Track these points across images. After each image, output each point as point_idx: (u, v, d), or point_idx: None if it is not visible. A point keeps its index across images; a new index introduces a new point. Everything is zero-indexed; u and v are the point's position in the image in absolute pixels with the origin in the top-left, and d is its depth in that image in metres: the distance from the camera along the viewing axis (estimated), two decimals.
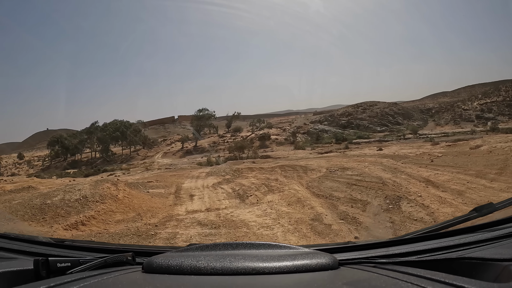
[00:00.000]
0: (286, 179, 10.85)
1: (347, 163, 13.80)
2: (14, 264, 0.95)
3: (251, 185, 10.42)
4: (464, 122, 45.84)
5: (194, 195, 9.80)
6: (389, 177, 9.25)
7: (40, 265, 0.85)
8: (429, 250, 1.02)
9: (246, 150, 30.63)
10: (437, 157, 13.90)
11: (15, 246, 1.26)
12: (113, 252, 1.21)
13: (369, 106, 55.47)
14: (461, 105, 52.33)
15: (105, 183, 8.71)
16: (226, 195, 9.46)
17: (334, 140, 39.85)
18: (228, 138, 44.93)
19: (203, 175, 15.44)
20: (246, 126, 50.64)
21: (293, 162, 17.61)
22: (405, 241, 1.13)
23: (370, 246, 1.12)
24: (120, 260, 1.05)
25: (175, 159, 37.82)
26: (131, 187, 11.37)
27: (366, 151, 20.43)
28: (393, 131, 44.80)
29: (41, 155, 52.29)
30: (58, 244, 1.34)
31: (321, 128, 48.94)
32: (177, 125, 64.07)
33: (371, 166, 11.69)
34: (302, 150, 32.49)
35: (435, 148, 18.29)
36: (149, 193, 9.98)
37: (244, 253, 0.98)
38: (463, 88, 79.93)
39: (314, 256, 0.91)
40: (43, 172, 37.46)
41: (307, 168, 13.57)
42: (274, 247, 1.05)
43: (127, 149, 45.74)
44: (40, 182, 22.46)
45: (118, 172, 24.77)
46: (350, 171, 10.97)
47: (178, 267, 0.88)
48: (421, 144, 22.98)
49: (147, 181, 12.43)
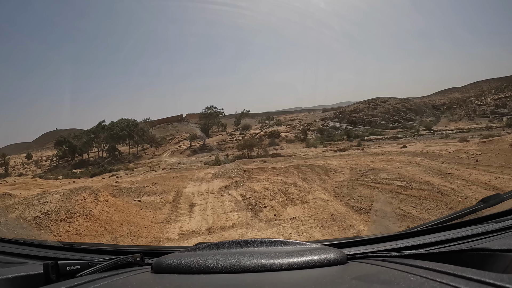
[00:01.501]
0: (307, 184, 8.76)
1: (373, 163, 11.64)
2: (24, 269, 0.91)
3: (265, 192, 8.38)
4: (479, 118, 43.01)
5: (195, 204, 7.81)
6: (440, 182, 7.10)
7: (50, 268, 0.83)
8: (437, 243, 0.99)
9: (256, 148, 28.66)
10: (477, 156, 11.66)
11: (24, 251, 1.25)
12: (122, 253, 1.19)
13: (381, 102, 52.83)
14: (475, 100, 49.36)
15: (82, 193, 6.77)
16: (235, 204, 7.45)
17: (346, 137, 37.72)
18: (237, 136, 42.82)
19: (209, 176, 13.46)
20: (255, 123, 48.53)
21: (308, 161, 15.51)
22: (413, 234, 1.10)
23: (378, 240, 1.09)
24: (129, 261, 1.02)
25: (183, 158, 36.10)
26: (122, 193, 9.44)
27: (388, 149, 18.14)
28: (406, 127, 42.38)
29: (49, 155, 51.05)
30: (67, 248, 1.32)
31: (332, 125, 46.50)
32: (185, 123, 62.12)
33: (407, 167, 9.53)
34: (314, 148, 30.46)
35: (467, 145, 15.94)
36: (140, 202, 8.01)
37: (253, 250, 0.95)
38: (474, 83, 76.75)
39: (322, 251, 0.88)
40: (50, 172, 36.13)
41: (327, 169, 11.47)
42: (282, 244, 1.00)
43: (135, 148, 44.13)
44: (38, 184, 20.85)
45: (121, 172, 23.03)
46: (383, 173, 8.83)
47: (187, 266, 0.85)
48: (446, 141, 20.54)
49: (143, 186, 10.47)
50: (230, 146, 37.79)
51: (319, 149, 29.00)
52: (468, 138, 20.50)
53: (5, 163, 43.56)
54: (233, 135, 44.00)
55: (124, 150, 44.38)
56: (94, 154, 46.27)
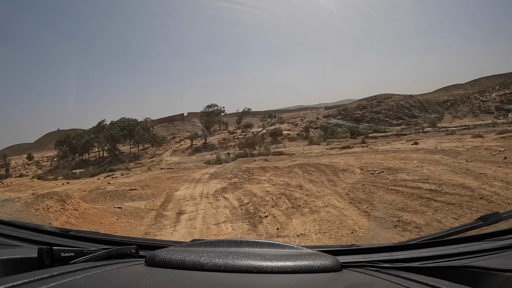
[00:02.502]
0: (314, 186, 7.50)
1: (387, 161, 10.35)
2: (18, 252, 0.89)
3: (266, 196, 7.13)
4: (484, 114, 41.43)
5: (184, 212, 6.58)
6: (477, 185, 5.80)
7: (44, 253, 0.82)
8: (433, 257, 0.96)
9: (257, 146, 27.38)
10: (501, 152, 10.38)
11: (20, 234, 1.20)
12: (117, 244, 1.15)
13: (384, 98, 51.25)
14: (479, 96, 47.66)
15: (46, 200, 5.57)
16: (230, 212, 6.21)
17: (349, 134, 36.39)
18: (238, 134, 41.50)
19: (206, 177, 12.23)
20: (257, 122, 47.22)
21: (313, 160, 14.24)
22: (409, 246, 1.07)
23: (373, 250, 1.06)
24: (123, 252, 0.99)
25: (184, 157, 34.92)
26: (105, 198, 8.24)
27: (398, 146, 16.76)
28: (410, 124, 40.95)
29: (51, 155, 49.98)
30: (63, 234, 1.28)
31: (335, 122, 45.07)
32: (186, 122, 60.78)
33: (428, 166, 8.24)
34: (317, 146, 29.14)
35: (485, 141, 14.60)
36: (121, 209, 6.79)
37: (247, 251, 0.93)
38: (477, 80, 74.95)
39: (316, 257, 0.86)
40: (50, 173, 35.08)
41: (335, 168, 10.20)
42: (278, 247, 0.98)
43: (136, 147, 42.99)
44: (31, 186, 19.72)
45: (117, 173, 21.86)
46: (402, 173, 7.55)
47: (181, 261, 0.83)
48: (459, 137, 19.12)
49: (131, 189, 9.26)
50: (231, 144, 36.55)
51: (322, 146, 27.71)
52: (482, 134, 19.12)
53: (6, 164, 42.59)
54: (235, 133, 42.67)
55: (125, 150, 43.24)
56: (95, 154, 45.15)
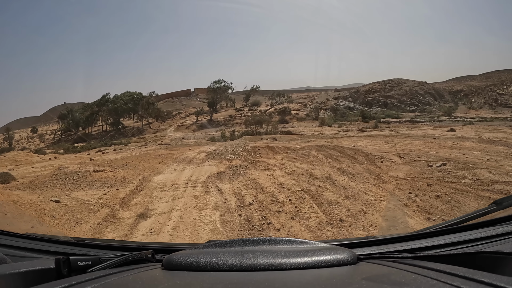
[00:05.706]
0: (351, 180, 4.88)
1: (433, 150, 7.70)
2: (36, 264, 0.86)
3: (279, 193, 4.57)
4: (500, 108, 38.05)
5: (151, 213, 4.07)
6: None
7: (61, 264, 0.81)
8: (448, 244, 0.94)
9: (265, 124, 24.69)
10: None
11: (36, 246, 1.17)
12: (133, 250, 1.13)
13: (398, 83, 47.45)
14: (495, 89, 43.99)
15: None
16: (220, 219, 3.69)
17: (361, 118, 33.43)
18: (245, 112, 38.64)
19: (202, 156, 9.69)
20: (265, 100, 44.19)
21: (332, 142, 11.59)
22: (424, 235, 1.04)
23: (389, 240, 1.04)
24: (140, 257, 0.97)
25: (188, 133, 32.49)
26: (58, 181, 5.82)
27: (431, 132, 13.84)
28: (424, 111, 37.65)
29: (55, 129, 47.88)
30: (79, 243, 1.26)
31: (346, 104, 41.78)
32: (193, 98, 57.80)
33: (503, 160, 5.58)
34: (328, 127, 26.43)
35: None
36: (57, 204, 4.30)
37: (263, 249, 0.89)
38: (491, 72, 70.39)
39: (332, 251, 0.84)
40: (52, 147, 33.04)
41: (366, 154, 7.58)
42: (293, 243, 0.94)
43: (140, 122, 40.56)
44: (16, 160, 17.42)
45: (111, 148, 19.50)
46: (480, 169, 4.90)
47: (197, 263, 0.82)
48: (495, 127, 16.08)
49: (97, 170, 6.77)
50: (238, 122, 33.90)
51: (334, 128, 25.00)
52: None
53: (10, 137, 40.68)
54: (242, 111, 39.82)
55: (128, 124, 40.86)
56: (98, 128, 42.87)
